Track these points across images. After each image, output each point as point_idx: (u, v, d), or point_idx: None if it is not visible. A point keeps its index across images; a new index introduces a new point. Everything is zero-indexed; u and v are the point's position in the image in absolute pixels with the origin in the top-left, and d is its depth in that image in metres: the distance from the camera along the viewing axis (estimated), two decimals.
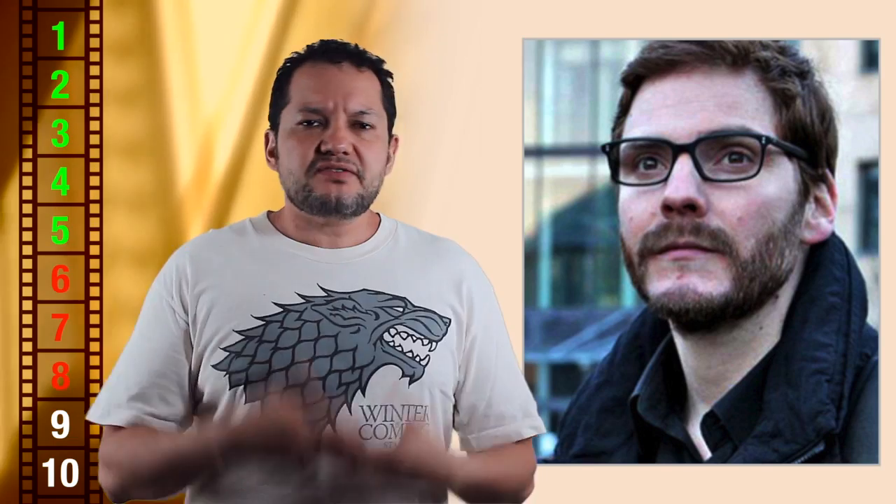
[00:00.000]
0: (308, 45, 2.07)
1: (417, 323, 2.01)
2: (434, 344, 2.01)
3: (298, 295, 1.99)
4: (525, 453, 2.09)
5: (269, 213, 2.10)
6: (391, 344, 1.98)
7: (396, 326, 2.00)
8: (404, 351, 1.98)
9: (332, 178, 1.99)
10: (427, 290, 2.04)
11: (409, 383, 1.98)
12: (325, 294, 2.00)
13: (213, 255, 2.04)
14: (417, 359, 1.99)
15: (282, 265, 2.02)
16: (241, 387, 1.95)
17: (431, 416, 2.01)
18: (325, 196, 2.00)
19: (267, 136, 2.08)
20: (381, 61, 2.08)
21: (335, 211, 2.01)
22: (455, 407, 2.07)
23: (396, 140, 2.10)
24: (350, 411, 1.95)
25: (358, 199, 2.01)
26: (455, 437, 2.10)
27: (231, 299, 1.99)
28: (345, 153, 1.99)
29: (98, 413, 2.03)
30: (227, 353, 1.97)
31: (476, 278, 2.09)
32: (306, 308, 1.98)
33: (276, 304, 1.99)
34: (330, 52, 2.04)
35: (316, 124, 2.01)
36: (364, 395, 1.95)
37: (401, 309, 2.00)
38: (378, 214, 2.11)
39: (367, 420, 1.95)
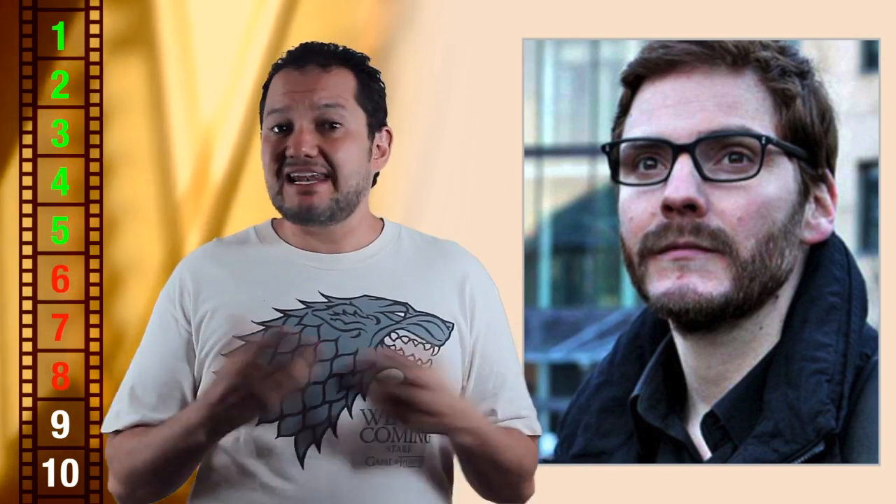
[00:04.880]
0: (288, 51, 2.07)
1: (419, 328, 2.00)
2: (436, 348, 2.00)
3: (299, 301, 1.99)
4: (529, 442, 2.06)
5: (274, 220, 2.10)
6: (392, 348, 1.97)
7: (398, 331, 1.99)
8: (405, 355, 1.98)
9: (301, 190, 1.98)
10: (430, 295, 2.03)
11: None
12: (325, 300, 1.99)
13: (214, 266, 2.04)
14: (419, 363, 1.98)
15: (283, 273, 2.02)
16: None
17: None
18: (297, 207, 1.99)
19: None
20: (361, 59, 2.06)
21: (309, 220, 2.00)
22: None
23: (389, 133, 2.08)
24: (351, 415, 1.94)
25: (332, 205, 1.99)
26: None
27: (232, 307, 1.99)
28: (308, 156, 1.98)
29: (108, 423, 2.04)
30: None
31: (479, 280, 2.08)
32: (307, 313, 1.98)
33: (276, 309, 1.98)
34: (297, 57, 2.04)
35: (283, 130, 2.00)
36: (365, 398, 1.95)
37: (402, 314, 2.00)
38: (381, 219, 2.10)
39: (368, 423, 1.95)
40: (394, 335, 1.98)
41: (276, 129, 2.00)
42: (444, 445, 2.02)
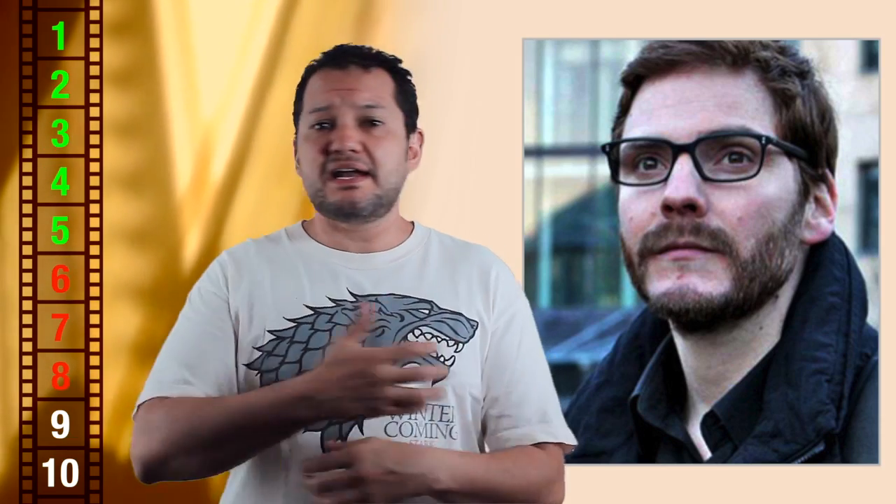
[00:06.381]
0: (323, 53, 2.09)
1: (443, 325, 2.01)
2: (460, 345, 2.01)
3: (329, 299, 2.01)
4: (540, 456, 2.03)
5: (304, 222, 2.12)
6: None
7: (421, 328, 2.00)
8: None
9: (344, 184, 2.01)
10: (455, 294, 2.04)
11: (433, 382, 1.97)
12: (354, 298, 2.01)
13: (252, 260, 2.06)
14: (441, 359, 1.99)
15: (314, 270, 2.04)
16: None
17: (459, 418, 2.00)
18: (339, 202, 2.02)
19: (294, 143, 2.10)
20: (396, 60, 2.09)
21: (351, 216, 2.02)
22: None
23: (421, 135, 2.11)
24: None
25: (374, 200, 2.02)
26: None
27: (265, 302, 2.01)
28: (353, 151, 2.00)
29: (151, 390, 1.98)
30: (260, 353, 1.99)
31: (504, 280, 2.09)
32: (336, 311, 2.00)
33: (307, 306, 2.00)
34: (338, 58, 2.06)
35: (325, 126, 2.02)
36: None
37: (426, 311, 2.01)
38: (412, 223, 2.12)
39: (392, 418, 1.96)
40: (417, 332, 2.00)
41: (318, 127, 2.02)
42: (467, 443, 2.03)
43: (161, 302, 3.18)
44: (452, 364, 2.00)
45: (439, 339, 2.00)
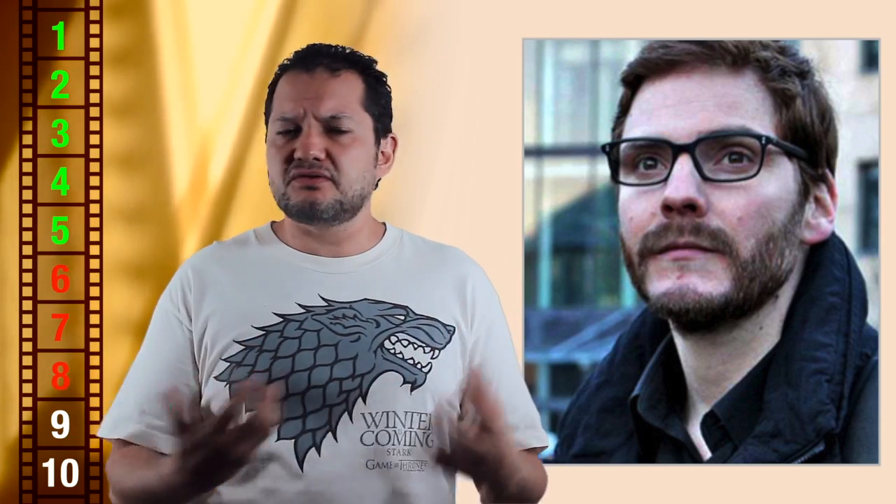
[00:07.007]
0: (295, 52, 2.06)
1: (419, 331, 2.00)
2: (437, 352, 2.00)
3: (299, 305, 1.98)
4: (540, 465, 2.07)
5: (273, 223, 2.09)
6: (392, 351, 1.97)
7: (397, 334, 1.98)
8: (405, 358, 1.97)
9: (306, 184, 1.98)
10: (430, 299, 2.02)
11: (411, 390, 1.97)
12: (325, 304, 1.99)
13: (215, 267, 2.03)
14: (419, 366, 1.98)
15: (283, 276, 2.02)
16: None
17: (436, 426, 2.00)
18: (301, 203, 1.99)
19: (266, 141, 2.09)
20: (369, 63, 2.06)
21: (313, 218, 1.99)
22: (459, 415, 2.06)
23: (395, 140, 2.08)
24: (351, 419, 1.94)
25: (335, 205, 1.99)
26: None
27: (232, 310, 1.98)
28: (316, 159, 1.98)
29: (107, 428, 2.03)
30: (228, 364, 1.96)
31: (481, 285, 2.08)
32: (306, 318, 1.98)
33: (276, 314, 1.98)
34: (306, 59, 2.03)
35: (291, 133, 1.99)
36: (365, 402, 1.94)
37: (402, 317, 2.00)
38: (384, 224, 2.10)
39: (368, 427, 1.95)
40: (393, 338, 1.98)
41: (284, 133, 2.00)
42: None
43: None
44: (430, 371, 1.99)
45: (416, 346, 1.99)
